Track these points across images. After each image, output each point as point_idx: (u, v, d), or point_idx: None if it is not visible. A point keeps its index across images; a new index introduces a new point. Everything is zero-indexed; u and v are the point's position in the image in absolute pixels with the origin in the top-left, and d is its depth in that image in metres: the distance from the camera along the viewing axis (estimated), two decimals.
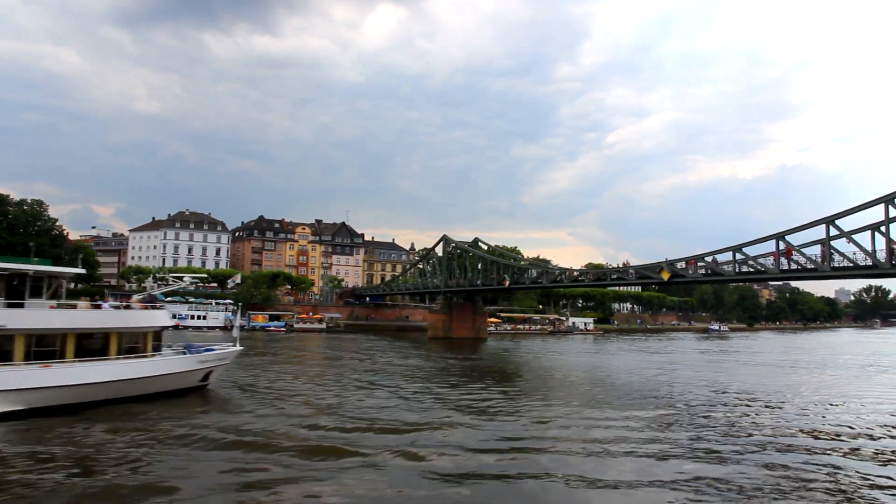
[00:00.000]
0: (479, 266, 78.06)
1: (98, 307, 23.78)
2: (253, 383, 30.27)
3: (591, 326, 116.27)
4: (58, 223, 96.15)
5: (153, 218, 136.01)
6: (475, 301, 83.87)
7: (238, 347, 28.71)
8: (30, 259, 23.72)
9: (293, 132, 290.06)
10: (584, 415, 23.93)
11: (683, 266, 46.30)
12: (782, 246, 40.98)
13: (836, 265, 38.42)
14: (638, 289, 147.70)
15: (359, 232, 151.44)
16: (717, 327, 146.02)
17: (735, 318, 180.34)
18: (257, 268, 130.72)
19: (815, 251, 39.85)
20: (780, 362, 57.77)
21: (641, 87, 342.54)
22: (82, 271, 28.40)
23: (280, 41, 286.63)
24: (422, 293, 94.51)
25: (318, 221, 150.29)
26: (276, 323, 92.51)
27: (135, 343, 22.91)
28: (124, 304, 25.18)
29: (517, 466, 16.13)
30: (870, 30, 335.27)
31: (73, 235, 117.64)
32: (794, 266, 41.07)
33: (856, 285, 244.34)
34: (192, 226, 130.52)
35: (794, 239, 41.16)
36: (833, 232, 38.16)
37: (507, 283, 67.82)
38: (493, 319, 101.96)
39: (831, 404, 29.62)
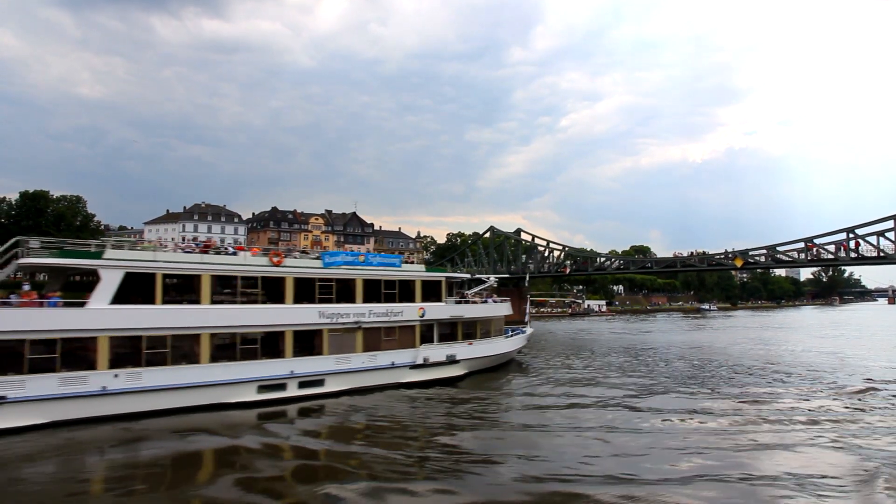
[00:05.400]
0: (503, 253, 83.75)
1: (485, 302, 30.20)
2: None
3: (604, 308, 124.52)
4: (95, 218, 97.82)
5: (167, 210, 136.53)
6: (520, 287, 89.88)
7: (531, 329, 36.59)
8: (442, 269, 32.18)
9: (244, 117, 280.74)
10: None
11: (764, 253, 54.15)
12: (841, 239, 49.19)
13: None
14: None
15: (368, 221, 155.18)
16: (707, 307, 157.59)
17: (715, 297, 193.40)
18: None
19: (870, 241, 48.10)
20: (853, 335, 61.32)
21: (594, 72, 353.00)
22: (468, 276, 34.10)
23: (231, 25, 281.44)
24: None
25: (329, 212, 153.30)
26: None
27: (499, 327, 30.04)
28: (484, 299, 31.31)
29: None
30: (808, 18, 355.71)
31: None
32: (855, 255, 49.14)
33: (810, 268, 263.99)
34: (209, 218, 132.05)
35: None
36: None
37: (568, 270, 74.04)
38: None
39: None
